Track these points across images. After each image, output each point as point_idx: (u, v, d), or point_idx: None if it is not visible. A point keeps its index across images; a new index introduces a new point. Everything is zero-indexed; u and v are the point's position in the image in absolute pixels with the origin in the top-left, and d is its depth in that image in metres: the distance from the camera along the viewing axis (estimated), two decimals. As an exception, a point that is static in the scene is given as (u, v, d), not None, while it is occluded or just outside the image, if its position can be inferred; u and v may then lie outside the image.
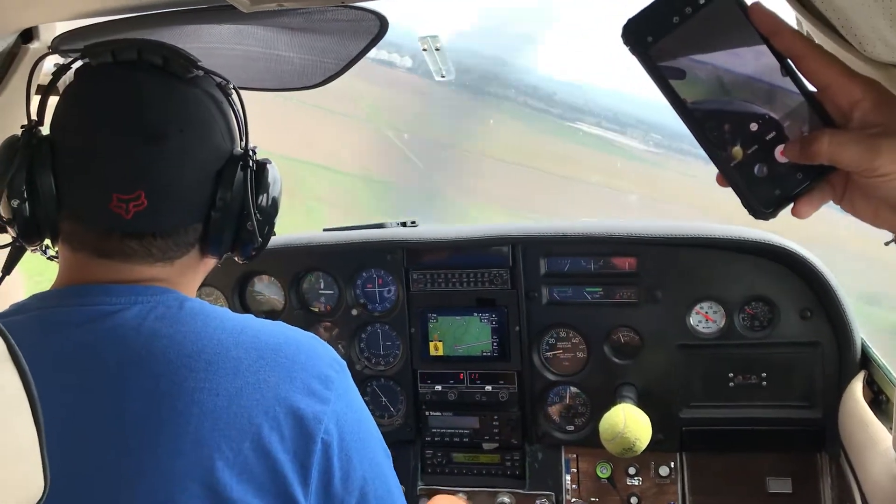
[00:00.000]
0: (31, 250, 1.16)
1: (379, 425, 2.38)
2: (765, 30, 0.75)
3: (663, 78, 0.77)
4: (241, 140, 1.16)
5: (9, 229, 1.11)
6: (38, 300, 1.07)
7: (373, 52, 1.63)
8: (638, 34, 0.76)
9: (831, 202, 0.80)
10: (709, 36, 0.76)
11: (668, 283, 2.16)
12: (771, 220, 0.80)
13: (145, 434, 0.94)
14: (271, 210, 1.20)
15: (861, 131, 0.73)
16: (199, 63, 1.11)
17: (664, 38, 0.76)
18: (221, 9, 1.45)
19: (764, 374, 2.14)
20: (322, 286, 2.46)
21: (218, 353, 0.99)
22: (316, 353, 1.08)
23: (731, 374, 2.16)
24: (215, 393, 0.96)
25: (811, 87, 0.76)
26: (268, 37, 1.66)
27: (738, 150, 0.76)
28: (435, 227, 2.49)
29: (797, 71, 0.76)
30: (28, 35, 1.56)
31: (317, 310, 2.47)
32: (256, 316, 1.14)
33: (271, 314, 2.49)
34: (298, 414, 1.00)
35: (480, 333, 2.31)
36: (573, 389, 2.32)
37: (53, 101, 1.14)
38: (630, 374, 2.23)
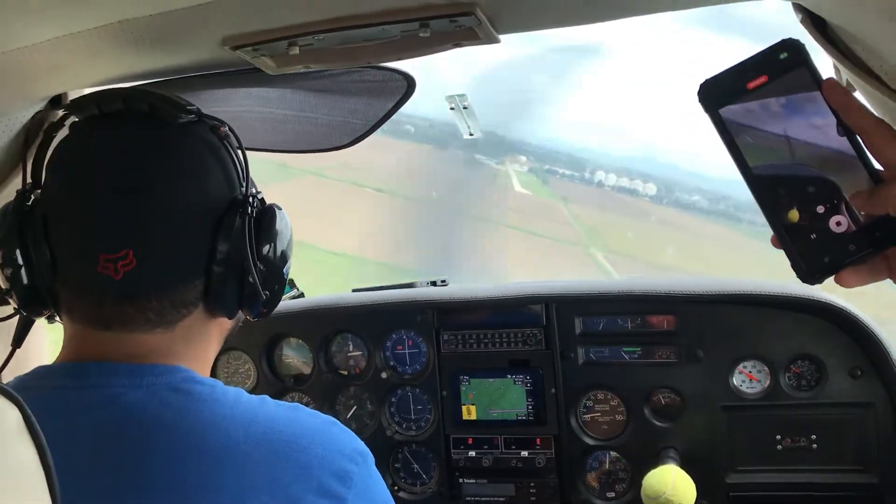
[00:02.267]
0: (48, 320, 1.11)
1: (411, 493, 2.35)
2: (836, 104, 0.78)
3: (732, 139, 0.80)
4: (241, 186, 1.07)
5: (10, 300, 1.06)
6: (38, 378, 1.01)
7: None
8: (712, 95, 0.81)
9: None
10: (780, 104, 0.79)
11: (708, 341, 2.09)
12: None
13: None
14: (278, 261, 1.10)
15: None
16: (189, 107, 1.04)
17: (737, 102, 0.80)
18: (249, 72, 1.46)
19: (814, 437, 2.04)
20: (351, 348, 2.42)
21: (225, 447, 0.91)
22: (334, 444, 0.98)
23: (778, 437, 2.06)
24: (219, 491, 0.89)
25: (876, 164, 0.79)
26: (296, 99, 1.66)
27: (794, 214, 0.79)
28: (466, 286, 2.45)
29: (864, 146, 0.78)
30: (58, 101, 1.57)
31: (346, 373, 2.42)
32: (285, 380, 1.08)
33: (299, 378, 2.44)
34: None
35: (515, 396, 2.24)
36: (613, 454, 2.23)
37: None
38: (672, 437, 2.14)
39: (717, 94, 0.81)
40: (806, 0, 1.22)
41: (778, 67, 0.80)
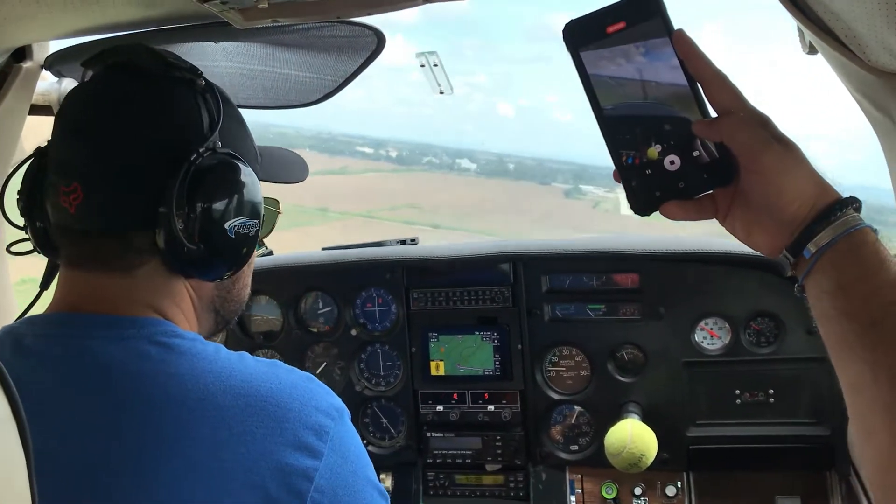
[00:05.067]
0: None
1: (379, 447, 2.39)
2: (683, 53, 0.84)
3: (588, 80, 0.87)
4: (205, 139, 1.02)
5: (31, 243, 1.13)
6: (29, 325, 1.03)
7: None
8: (574, 36, 0.87)
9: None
10: (635, 49, 0.86)
11: (671, 299, 2.14)
12: None
13: (124, 479, 0.89)
14: (222, 217, 1.02)
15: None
16: (167, 59, 1.04)
17: (596, 44, 0.86)
18: (216, 25, 1.44)
19: (771, 391, 2.11)
20: (321, 306, 2.43)
21: (203, 399, 0.92)
22: (311, 400, 0.98)
23: (737, 392, 2.13)
24: (196, 441, 0.89)
25: (711, 110, 0.86)
26: (265, 54, 1.64)
27: (653, 151, 0.86)
28: (435, 244, 2.47)
29: (701, 92, 0.86)
30: (20, 54, 1.54)
31: (315, 330, 2.44)
32: (254, 337, 1.09)
33: (269, 335, 2.45)
34: (286, 471, 0.92)
35: (482, 352, 2.28)
36: (577, 408, 2.28)
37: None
38: (634, 392, 2.19)
39: (579, 36, 0.86)
40: (770, -40, 1.24)
41: (636, 15, 0.85)
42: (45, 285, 1.18)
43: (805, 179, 0.83)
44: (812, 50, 1.46)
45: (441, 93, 2.16)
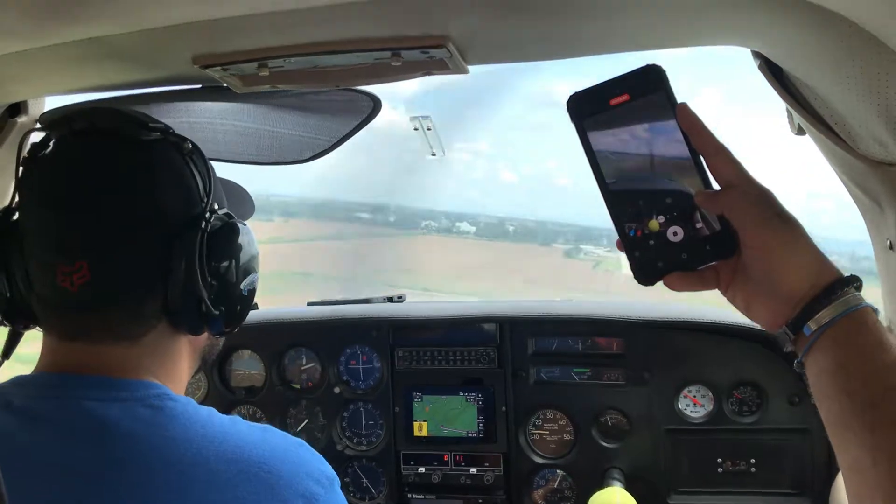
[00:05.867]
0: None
1: (359, 509, 2.34)
2: (686, 127, 0.86)
3: (592, 150, 0.88)
4: (203, 202, 1.06)
5: None
6: (16, 386, 1.01)
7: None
8: (579, 107, 0.88)
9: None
10: (638, 121, 0.87)
11: (656, 365, 2.15)
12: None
13: None
14: (236, 278, 1.08)
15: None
16: (153, 125, 1.05)
17: (600, 116, 0.87)
18: (215, 89, 1.45)
19: (753, 461, 2.11)
20: (304, 362, 2.41)
21: (195, 463, 0.92)
22: (302, 466, 0.99)
23: (719, 460, 2.13)
24: None
25: (713, 181, 0.87)
26: (260, 112, 1.66)
27: (654, 223, 0.87)
28: (422, 303, 2.47)
29: (705, 165, 0.87)
30: (16, 109, 1.54)
31: (298, 387, 2.41)
32: (236, 392, 1.09)
33: (251, 390, 2.42)
34: None
35: (466, 413, 2.27)
36: (560, 472, 2.26)
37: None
38: (618, 457, 2.18)
39: (583, 107, 0.88)
40: (765, 49, 1.28)
41: (640, 88, 0.86)
42: (7, 355, 1.14)
43: (806, 256, 0.83)
44: (800, 131, 1.50)
45: (433, 154, 2.19)
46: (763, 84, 1.36)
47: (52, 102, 1.61)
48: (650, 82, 0.87)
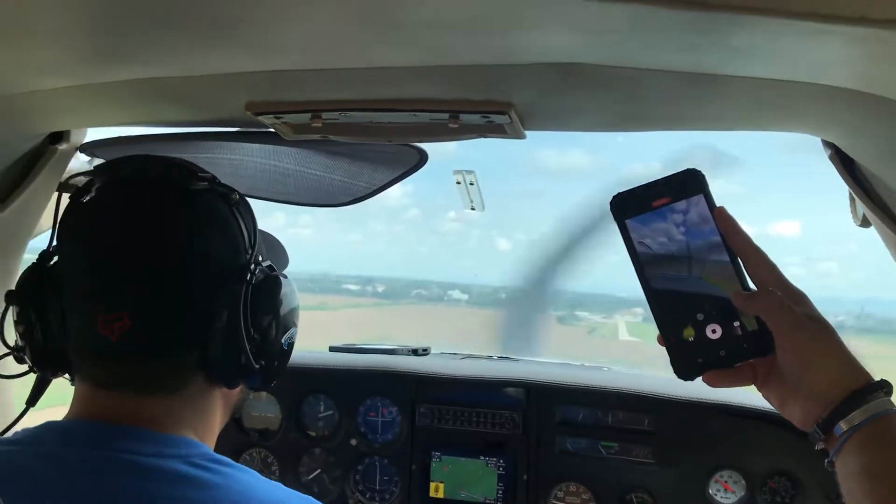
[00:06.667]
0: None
1: (369, 570, 2.25)
2: (724, 229, 0.90)
3: (635, 250, 0.91)
4: (246, 253, 1.05)
5: (25, 358, 1.05)
6: (48, 432, 0.97)
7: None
8: (622, 208, 0.92)
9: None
10: (680, 223, 0.91)
11: (687, 446, 2.06)
12: None
13: None
14: (277, 332, 1.07)
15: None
16: (202, 174, 1.03)
17: (642, 216, 0.91)
18: (263, 134, 1.43)
19: None
20: (322, 409, 2.34)
21: None
22: None
23: None
24: None
25: (750, 282, 0.90)
26: (301, 155, 1.63)
27: (690, 331, 0.90)
28: (448, 360, 2.41)
29: (742, 267, 0.90)
30: (57, 136, 1.52)
31: (314, 434, 2.34)
32: (250, 433, 1.07)
33: (265, 433, 2.35)
34: None
35: (486, 479, 2.18)
36: (578, 550, 2.17)
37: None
38: None
39: (626, 208, 0.92)
40: (839, 140, 1.23)
41: (681, 191, 0.91)
42: (33, 402, 1.12)
43: (837, 359, 0.86)
44: (865, 223, 1.44)
45: (472, 209, 2.15)
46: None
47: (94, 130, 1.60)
48: (691, 186, 0.91)
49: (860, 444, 0.82)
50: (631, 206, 0.92)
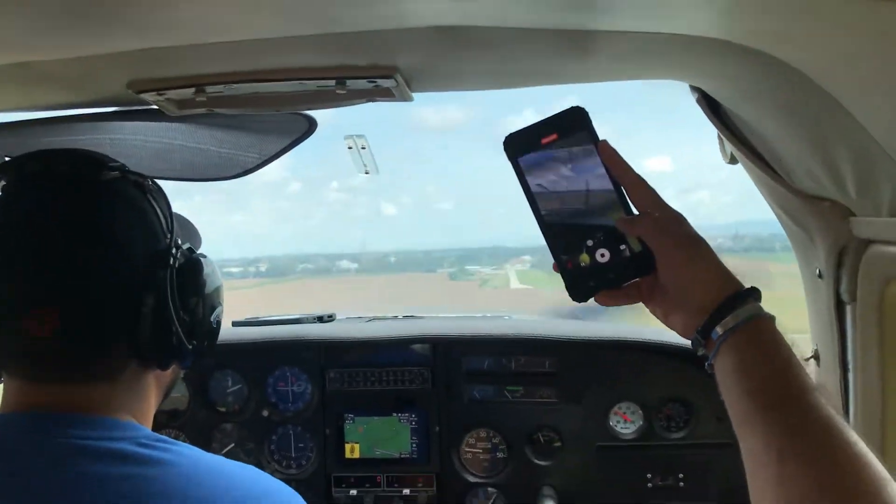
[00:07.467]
0: None
1: (289, 535, 2.27)
2: (607, 161, 0.96)
3: (528, 185, 0.97)
4: (165, 238, 1.05)
5: None
6: None
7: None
8: (513, 147, 0.97)
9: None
10: (567, 158, 0.96)
11: (587, 384, 2.17)
12: None
13: None
14: (205, 310, 1.10)
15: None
16: (112, 164, 1.02)
17: (532, 153, 0.96)
18: (145, 111, 1.39)
19: (681, 475, 2.15)
20: (230, 384, 2.33)
21: (205, 497, 0.91)
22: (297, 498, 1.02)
23: (649, 475, 2.17)
24: None
25: (632, 207, 0.96)
26: (187, 129, 1.59)
27: (585, 256, 0.96)
28: (354, 323, 2.43)
29: (625, 194, 0.96)
30: None
31: (224, 409, 2.33)
32: (158, 417, 1.08)
33: (174, 414, 2.32)
34: None
35: (399, 434, 2.24)
36: (493, 491, 2.26)
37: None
38: (550, 475, 2.20)
39: (517, 147, 0.97)
40: (705, 85, 1.32)
41: (566, 128, 0.96)
42: None
43: (711, 272, 0.93)
44: (733, 160, 1.54)
45: (367, 172, 2.15)
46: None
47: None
48: (575, 122, 0.96)
49: (734, 345, 0.89)
50: (521, 145, 0.97)
